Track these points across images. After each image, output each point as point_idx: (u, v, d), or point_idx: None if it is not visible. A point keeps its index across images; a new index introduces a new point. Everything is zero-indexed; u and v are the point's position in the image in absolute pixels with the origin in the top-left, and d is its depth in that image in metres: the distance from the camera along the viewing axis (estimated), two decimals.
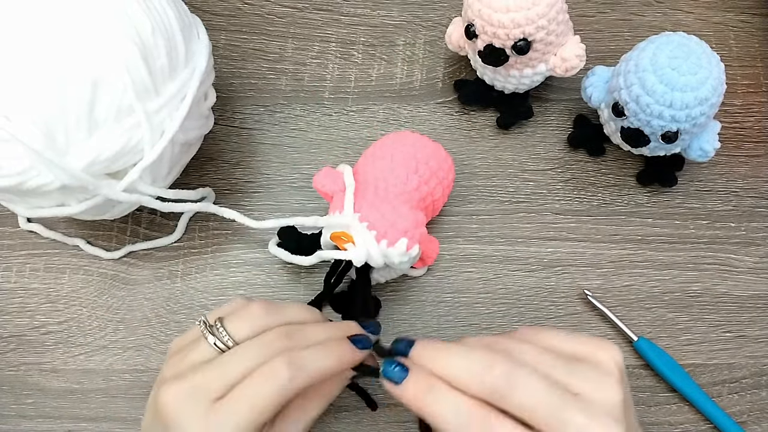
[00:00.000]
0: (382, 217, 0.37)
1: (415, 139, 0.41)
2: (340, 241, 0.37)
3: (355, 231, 0.37)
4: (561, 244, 0.45)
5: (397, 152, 0.40)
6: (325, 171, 0.40)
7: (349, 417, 0.42)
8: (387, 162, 0.40)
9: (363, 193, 0.39)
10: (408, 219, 0.38)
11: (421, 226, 0.39)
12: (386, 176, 0.39)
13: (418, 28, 0.50)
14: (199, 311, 0.44)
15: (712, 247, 0.45)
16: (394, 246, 0.37)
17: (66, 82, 0.34)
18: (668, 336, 0.43)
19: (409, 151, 0.40)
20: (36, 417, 0.42)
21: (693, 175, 0.47)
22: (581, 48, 0.43)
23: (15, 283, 0.45)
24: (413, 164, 0.40)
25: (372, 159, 0.41)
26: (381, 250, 0.37)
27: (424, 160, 0.40)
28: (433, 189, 0.40)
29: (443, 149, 0.42)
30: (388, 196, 0.39)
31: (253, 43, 0.50)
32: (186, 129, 0.39)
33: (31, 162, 0.35)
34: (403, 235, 0.37)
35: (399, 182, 0.39)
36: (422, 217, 0.39)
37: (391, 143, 0.41)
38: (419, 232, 0.38)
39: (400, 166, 0.40)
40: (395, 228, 0.37)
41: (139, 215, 0.46)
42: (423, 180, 0.40)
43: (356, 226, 0.37)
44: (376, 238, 0.37)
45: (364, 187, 0.39)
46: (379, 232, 0.37)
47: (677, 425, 0.42)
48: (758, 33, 0.50)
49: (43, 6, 0.35)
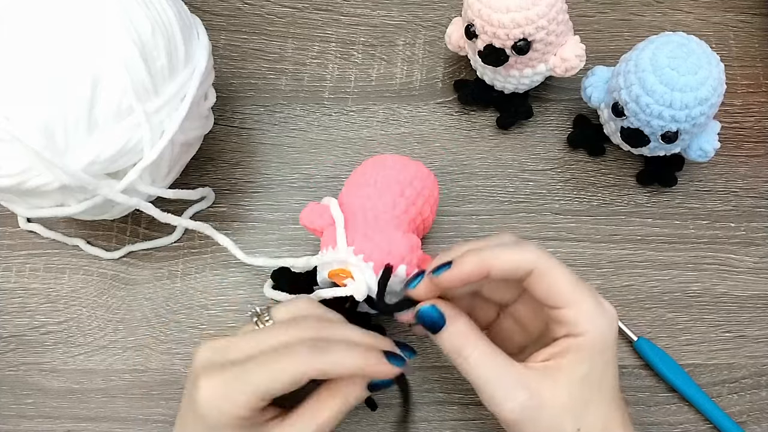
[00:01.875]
0: (376, 246, 0.37)
1: (395, 161, 0.40)
2: (339, 278, 0.36)
3: (352, 266, 0.36)
4: (561, 244, 0.45)
5: (379, 177, 0.39)
6: (311, 207, 0.39)
7: (348, 417, 0.41)
8: (371, 189, 0.39)
9: (352, 224, 0.38)
10: (403, 244, 0.37)
11: (417, 249, 0.38)
12: (373, 204, 0.38)
13: (418, 28, 0.50)
14: (199, 311, 0.44)
15: (712, 247, 0.45)
16: (394, 274, 0.36)
17: (66, 82, 0.34)
18: (668, 336, 0.43)
19: (391, 175, 0.39)
20: (36, 417, 0.42)
21: (693, 175, 0.47)
22: (581, 48, 0.43)
23: (15, 283, 0.45)
24: (398, 188, 0.39)
25: (355, 188, 0.40)
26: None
27: (408, 181, 0.39)
28: (421, 208, 0.40)
29: (424, 166, 0.41)
30: (378, 224, 0.38)
31: (253, 43, 0.50)
32: (186, 129, 0.39)
33: (31, 162, 0.35)
34: (401, 262, 0.36)
35: (387, 208, 0.38)
36: (416, 240, 0.38)
37: (372, 169, 0.40)
38: (416, 256, 0.38)
39: (385, 192, 0.39)
40: (392, 256, 0.36)
41: (139, 215, 0.46)
42: (410, 201, 0.39)
43: (352, 260, 0.36)
44: (374, 270, 0.36)
45: (352, 217, 0.38)
46: (376, 263, 0.36)
47: (677, 425, 0.42)
48: (758, 33, 0.50)
49: (43, 6, 0.35)
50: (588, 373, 0.32)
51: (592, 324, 0.32)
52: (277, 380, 0.31)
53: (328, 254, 0.37)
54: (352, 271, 0.36)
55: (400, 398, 0.35)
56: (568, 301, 0.32)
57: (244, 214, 0.46)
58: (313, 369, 0.31)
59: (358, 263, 0.36)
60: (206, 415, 0.31)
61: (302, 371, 0.31)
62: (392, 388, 0.36)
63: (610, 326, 0.33)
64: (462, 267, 0.32)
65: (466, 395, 0.42)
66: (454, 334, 0.33)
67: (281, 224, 0.46)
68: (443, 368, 0.43)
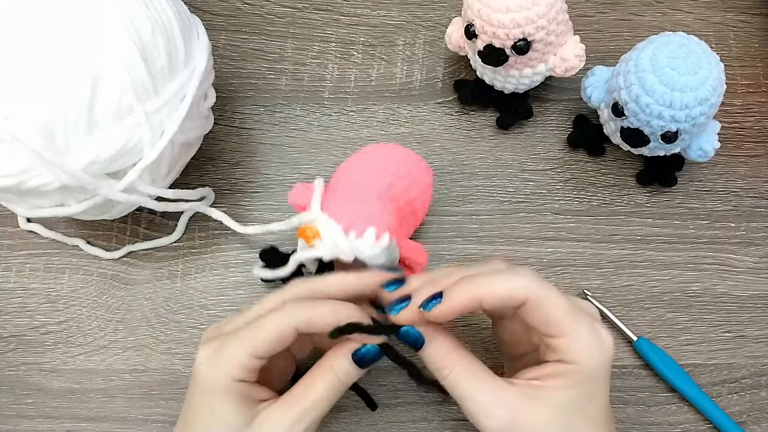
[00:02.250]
0: (348, 210, 0.37)
1: (385, 145, 0.41)
2: (306, 236, 0.37)
3: (320, 225, 0.37)
4: (561, 244, 0.45)
5: (369, 156, 0.40)
6: (297, 186, 0.40)
7: (348, 417, 0.42)
8: (357, 166, 0.40)
9: (334, 196, 0.38)
10: (375, 208, 0.37)
11: (390, 215, 0.38)
12: (358, 179, 0.39)
13: (418, 28, 0.50)
14: (199, 311, 0.44)
15: (712, 247, 0.45)
16: (363, 236, 0.36)
17: (65, 82, 0.34)
18: (668, 336, 0.43)
19: (380, 157, 0.40)
20: (36, 417, 0.42)
21: (693, 175, 0.47)
22: (581, 48, 0.43)
23: (15, 283, 0.45)
24: (384, 165, 0.39)
25: (346, 165, 0.41)
26: (350, 242, 0.36)
27: (396, 160, 0.40)
28: (407, 188, 0.40)
29: (416, 153, 0.41)
30: (358, 195, 0.38)
31: (253, 43, 0.50)
32: (186, 129, 0.39)
33: (31, 162, 0.35)
34: (370, 224, 0.36)
35: (371, 183, 0.39)
36: (391, 208, 0.38)
37: (366, 151, 0.41)
38: (387, 220, 0.37)
39: (371, 168, 0.39)
40: (361, 218, 0.36)
41: (139, 215, 0.46)
42: (395, 178, 0.39)
43: (321, 218, 0.37)
44: (344, 231, 0.36)
45: (336, 191, 0.39)
46: (345, 224, 0.36)
47: (677, 425, 0.42)
48: (758, 33, 0.50)
49: (43, 6, 0.35)
50: (573, 399, 0.31)
51: (587, 355, 0.31)
52: (264, 336, 0.32)
53: (301, 215, 0.38)
54: (320, 231, 0.36)
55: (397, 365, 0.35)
56: (564, 331, 0.31)
57: (244, 214, 0.46)
58: (297, 319, 0.32)
59: (325, 221, 0.36)
60: (200, 379, 0.33)
61: (287, 322, 0.32)
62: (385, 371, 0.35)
63: (605, 358, 0.32)
64: (453, 300, 0.31)
65: None
66: (435, 352, 0.33)
67: None
68: None
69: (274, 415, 0.32)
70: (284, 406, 0.33)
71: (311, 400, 0.33)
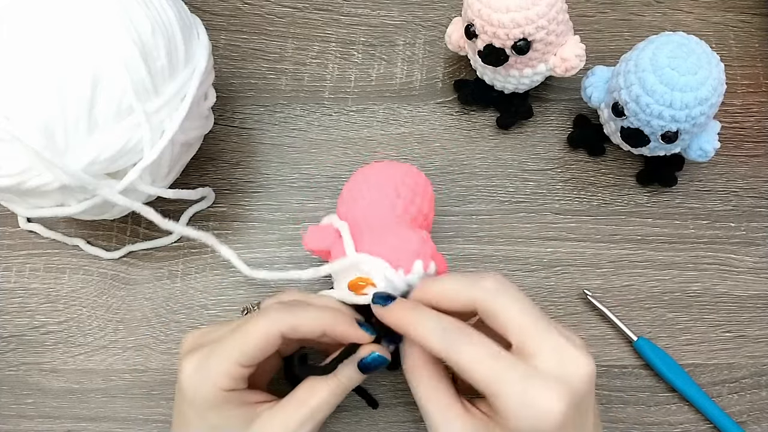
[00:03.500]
0: (387, 247, 0.36)
1: (381, 166, 0.40)
2: (359, 288, 0.35)
3: (367, 268, 0.35)
4: (561, 244, 0.45)
5: (370, 186, 0.39)
6: (311, 230, 0.38)
7: (349, 417, 0.42)
8: (365, 200, 0.38)
9: (357, 237, 0.37)
10: (413, 239, 0.36)
11: (428, 241, 0.37)
12: (372, 212, 0.38)
13: (418, 28, 0.50)
14: (199, 311, 0.44)
15: (712, 247, 0.45)
16: (412, 271, 0.35)
17: (66, 81, 0.34)
18: (668, 336, 0.43)
19: (381, 180, 0.39)
20: (36, 417, 0.42)
21: (693, 175, 0.47)
22: (581, 48, 0.43)
23: (15, 283, 0.45)
24: (392, 190, 0.38)
25: (350, 204, 0.39)
26: (401, 279, 0.35)
27: (400, 180, 0.38)
28: (420, 205, 0.39)
29: (410, 165, 0.40)
30: (383, 229, 0.37)
31: (253, 43, 0.50)
32: (186, 129, 0.39)
33: (31, 162, 0.35)
34: (415, 257, 0.36)
35: (387, 212, 0.37)
36: (425, 233, 0.38)
37: (360, 181, 0.39)
38: (429, 248, 0.37)
39: (380, 198, 0.38)
40: (405, 252, 0.36)
41: (139, 215, 0.45)
42: (408, 200, 0.38)
43: (367, 261, 0.35)
44: (391, 266, 0.35)
45: (355, 230, 0.37)
46: (391, 262, 0.35)
47: (677, 425, 0.42)
48: (758, 33, 0.50)
49: (43, 6, 0.35)
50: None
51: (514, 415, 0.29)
52: (249, 342, 0.32)
53: (338, 262, 0.36)
54: (371, 276, 0.35)
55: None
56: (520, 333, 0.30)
57: (244, 214, 0.46)
58: (283, 323, 0.32)
59: (373, 263, 0.35)
60: (190, 394, 0.32)
61: (271, 325, 0.32)
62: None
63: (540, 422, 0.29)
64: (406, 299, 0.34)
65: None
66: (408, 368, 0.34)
67: (281, 224, 0.46)
68: None
69: (277, 418, 0.32)
70: (287, 409, 0.33)
71: (314, 405, 0.33)
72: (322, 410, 0.33)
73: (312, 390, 0.33)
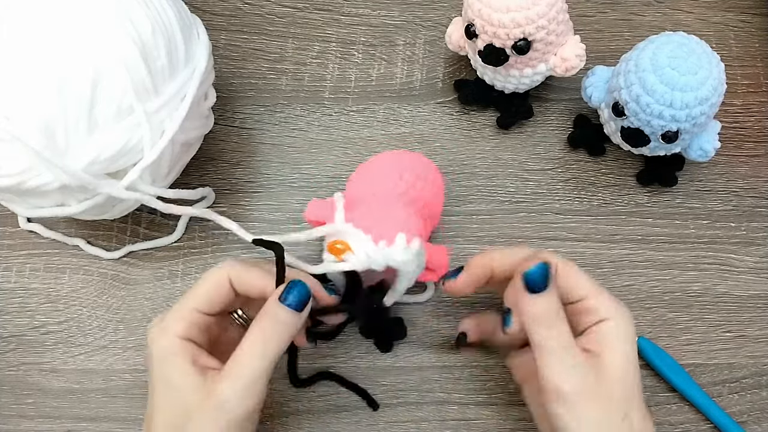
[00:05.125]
0: (374, 219, 0.37)
1: (393, 153, 0.41)
2: (337, 251, 0.36)
3: (350, 237, 0.36)
4: (561, 244, 0.45)
5: (378, 166, 0.40)
6: (313, 202, 0.39)
7: (348, 417, 0.42)
8: (371, 177, 0.40)
9: (355, 208, 0.38)
10: (400, 214, 0.37)
11: (415, 219, 0.38)
12: (373, 190, 0.39)
13: (418, 28, 0.50)
14: None
15: (712, 247, 0.45)
16: (394, 243, 0.36)
17: (66, 81, 0.34)
18: (668, 336, 0.43)
19: (388, 162, 0.40)
20: (36, 417, 0.42)
21: (693, 175, 0.47)
22: (581, 48, 0.43)
23: (15, 283, 0.45)
24: (396, 173, 0.39)
25: (356, 180, 0.40)
26: (381, 251, 0.36)
27: (406, 167, 0.39)
28: (422, 192, 0.39)
29: (423, 156, 0.41)
30: (378, 203, 0.38)
31: (253, 43, 0.50)
32: (186, 129, 0.39)
33: (31, 162, 0.35)
34: (398, 230, 0.36)
35: (387, 190, 0.38)
36: (414, 212, 0.38)
37: (372, 162, 0.41)
38: (414, 225, 0.37)
39: (383, 177, 0.39)
40: (388, 225, 0.36)
41: (139, 215, 0.46)
42: (409, 184, 0.39)
43: (349, 231, 0.36)
44: (373, 240, 0.36)
45: (355, 204, 0.38)
46: (374, 234, 0.36)
47: (677, 425, 0.42)
48: (758, 33, 0.50)
49: (43, 6, 0.35)
50: (623, 364, 0.33)
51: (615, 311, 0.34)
52: (201, 287, 0.35)
53: (326, 227, 0.38)
54: (350, 242, 0.36)
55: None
56: (593, 293, 0.34)
57: (244, 214, 0.46)
58: (231, 269, 0.35)
59: (354, 232, 0.36)
60: (154, 351, 0.34)
61: (220, 271, 0.35)
62: None
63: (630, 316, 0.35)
64: (470, 267, 0.37)
65: (466, 395, 0.42)
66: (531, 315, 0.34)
67: (281, 224, 0.46)
68: (443, 368, 0.43)
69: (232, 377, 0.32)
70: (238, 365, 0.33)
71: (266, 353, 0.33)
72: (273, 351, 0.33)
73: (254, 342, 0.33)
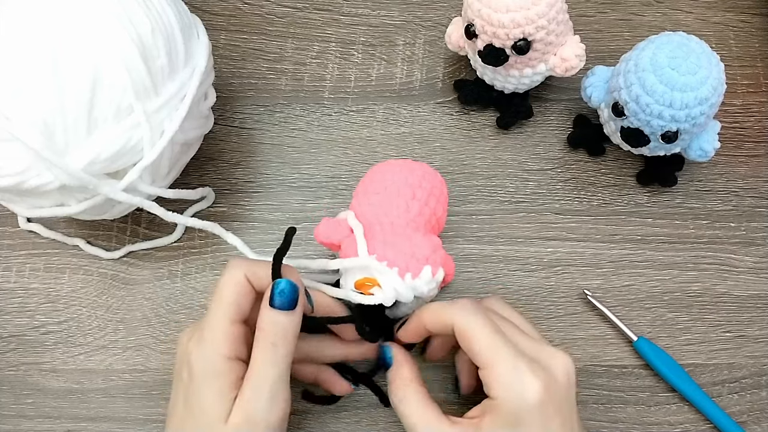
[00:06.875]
0: (399, 251, 0.36)
1: (400, 165, 0.40)
2: (366, 288, 0.36)
3: (376, 273, 0.36)
4: (561, 244, 0.45)
5: (387, 184, 0.39)
6: (325, 222, 0.38)
7: (348, 417, 0.42)
8: (381, 196, 0.38)
9: (369, 234, 0.37)
10: (425, 246, 0.37)
11: (439, 249, 0.38)
12: (386, 211, 0.38)
13: (418, 28, 0.50)
14: (199, 311, 0.44)
15: (712, 247, 0.45)
16: (420, 276, 0.36)
17: (65, 81, 0.34)
18: (668, 336, 0.43)
19: (399, 179, 0.39)
20: (36, 417, 0.42)
21: (693, 175, 0.47)
22: (581, 48, 0.43)
23: (15, 283, 0.45)
24: (408, 191, 0.38)
25: (365, 198, 0.39)
26: (407, 284, 0.36)
27: (417, 183, 0.39)
28: (434, 208, 0.39)
29: (429, 166, 0.40)
30: (395, 230, 0.37)
31: (253, 43, 0.50)
32: (186, 129, 0.39)
33: (31, 162, 0.35)
34: (425, 263, 0.36)
35: (401, 212, 0.38)
36: (437, 240, 0.38)
37: (378, 176, 0.40)
38: (439, 256, 0.37)
39: (396, 197, 0.38)
40: (415, 258, 0.36)
41: (139, 215, 0.46)
42: (423, 203, 0.38)
43: (376, 266, 0.36)
44: (399, 274, 0.36)
45: (368, 227, 0.38)
46: (400, 267, 0.36)
47: (677, 425, 0.42)
48: (758, 33, 0.50)
49: (43, 5, 0.35)
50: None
51: (504, 390, 0.32)
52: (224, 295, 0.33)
53: (349, 260, 0.37)
54: (378, 279, 0.36)
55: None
56: (483, 362, 0.33)
57: (244, 214, 0.46)
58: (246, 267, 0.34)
59: (382, 269, 0.36)
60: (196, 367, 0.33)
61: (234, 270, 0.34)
62: None
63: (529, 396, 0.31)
64: (409, 323, 0.37)
65: (465, 395, 0.42)
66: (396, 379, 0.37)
67: (281, 224, 0.46)
68: (443, 368, 0.43)
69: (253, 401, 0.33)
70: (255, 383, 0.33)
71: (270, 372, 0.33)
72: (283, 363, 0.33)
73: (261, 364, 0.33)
